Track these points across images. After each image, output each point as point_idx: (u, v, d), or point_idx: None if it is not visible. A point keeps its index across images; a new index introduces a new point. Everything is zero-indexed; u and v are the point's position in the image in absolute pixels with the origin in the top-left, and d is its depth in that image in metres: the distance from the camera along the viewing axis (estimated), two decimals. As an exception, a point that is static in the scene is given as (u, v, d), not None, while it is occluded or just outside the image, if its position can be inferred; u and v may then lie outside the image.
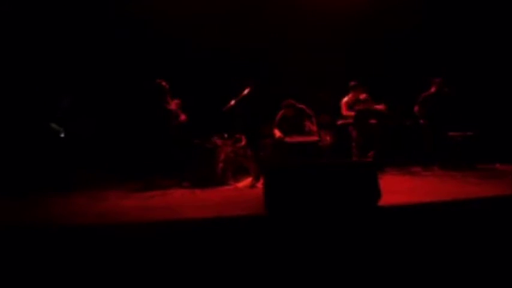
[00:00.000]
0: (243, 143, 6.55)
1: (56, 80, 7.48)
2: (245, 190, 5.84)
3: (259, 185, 5.70)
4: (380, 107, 7.16)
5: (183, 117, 6.65)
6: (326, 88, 7.97)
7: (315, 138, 6.74)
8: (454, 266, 3.08)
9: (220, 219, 3.95)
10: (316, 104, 7.33)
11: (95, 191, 5.96)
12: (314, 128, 6.89)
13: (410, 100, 7.64)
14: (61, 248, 3.38)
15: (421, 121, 7.54)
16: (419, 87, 7.62)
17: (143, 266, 3.09)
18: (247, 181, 6.20)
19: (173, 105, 6.53)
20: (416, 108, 7.54)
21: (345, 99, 7.33)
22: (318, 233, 3.58)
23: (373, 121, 7.14)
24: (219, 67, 8.13)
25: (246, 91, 6.65)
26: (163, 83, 6.37)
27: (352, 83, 7.28)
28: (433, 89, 7.52)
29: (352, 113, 7.12)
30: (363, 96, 7.26)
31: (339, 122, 7.41)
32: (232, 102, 6.58)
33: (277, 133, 6.80)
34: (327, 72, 7.82)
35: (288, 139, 6.66)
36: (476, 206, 4.18)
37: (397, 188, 5.24)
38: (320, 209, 3.87)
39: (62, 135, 6.86)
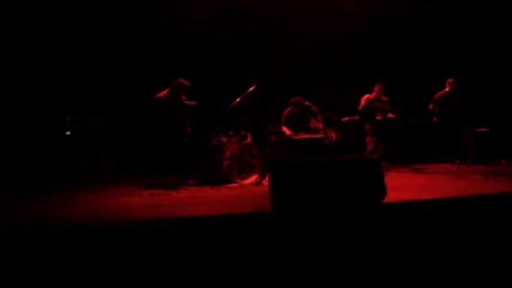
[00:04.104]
0: (249, 140, 6.55)
1: (69, 77, 7.53)
2: (251, 187, 5.86)
3: (265, 182, 5.70)
4: (392, 115, 7.21)
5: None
6: (331, 85, 7.96)
7: (320, 135, 6.74)
8: (458, 263, 3.08)
9: (226, 216, 3.96)
10: (321, 101, 7.33)
11: (101, 188, 6.00)
12: (320, 125, 6.88)
13: (415, 98, 7.65)
14: (68, 245, 3.40)
15: (434, 119, 7.62)
16: (424, 86, 7.63)
17: (150, 264, 3.11)
18: (253, 178, 6.21)
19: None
20: (431, 106, 7.63)
21: (367, 95, 7.36)
22: (323, 230, 3.58)
23: (379, 118, 7.15)
24: (225, 64, 8.13)
25: (251, 88, 6.66)
26: (186, 83, 6.41)
27: (380, 83, 7.31)
28: (447, 89, 7.61)
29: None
30: (385, 98, 7.31)
31: (344, 119, 7.42)
32: (238, 99, 6.59)
33: (287, 131, 6.75)
34: (332, 69, 7.81)
35: (293, 137, 6.67)
36: (481, 203, 4.18)
37: (403, 185, 5.24)
38: (326, 206, 3.87)
39: (68, 132, 6.90)
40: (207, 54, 8.11)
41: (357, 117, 7.21)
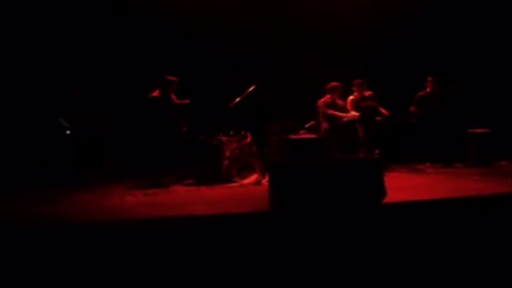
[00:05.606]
0: (249, 139, 6.52)
1: (65, 76, 7.50)
2: (250, 187, 5.85)
3: (265, 182, 5.70)
4: (385, 111, 7.17)
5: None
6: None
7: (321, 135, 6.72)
8: (458, 263, 3.07)
9: (226, 216, 3.96)
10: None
11: (99, 187, 5.99)
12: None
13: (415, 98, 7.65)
14: (67, 245, 3.40)
15: (413, 120, 7.56)
16: (425, 85, 7.63)
17: (148, 263, 3.10)
18: (253, 178, 6.20)
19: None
20: (412, 108, 7.57)
21: (351, 97, 7.30)
22: (323, 230, 3.58)
23: (379, 118, 7.13)
24: (225, 63, 8.10)
25: (251, 87, 6.64)
26: (172, 78, 6.36)
27: (357, 81, 7.24)
28: (428, 89, 7.55)
29: (357, 114, 7.08)
30: (368, 93, 7.24)
31: (345, 119, 7.38)
32: (238, 98, 6.58)
33: (341, 114, 7.01)
34: (332, 69, 7.78)
35: (292, 136, 6.63)
36: (481, 203, 4.18)
37: (403, 185, 5.23)
38: (325, 206, 3.87)
39: (68, 132, 6.88)
40: (207, 53, 8.08)
41: (356, 118, 7.17)
